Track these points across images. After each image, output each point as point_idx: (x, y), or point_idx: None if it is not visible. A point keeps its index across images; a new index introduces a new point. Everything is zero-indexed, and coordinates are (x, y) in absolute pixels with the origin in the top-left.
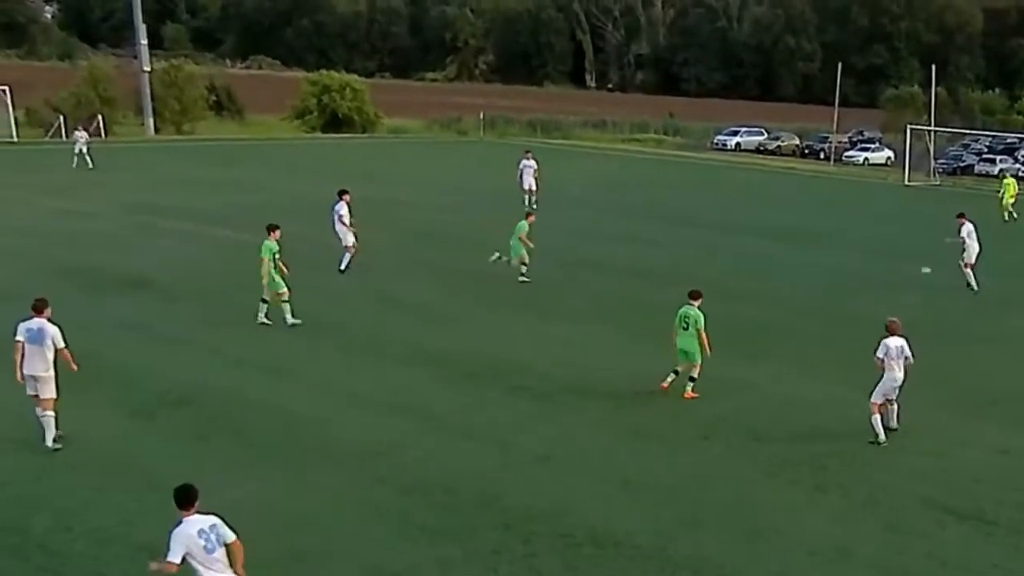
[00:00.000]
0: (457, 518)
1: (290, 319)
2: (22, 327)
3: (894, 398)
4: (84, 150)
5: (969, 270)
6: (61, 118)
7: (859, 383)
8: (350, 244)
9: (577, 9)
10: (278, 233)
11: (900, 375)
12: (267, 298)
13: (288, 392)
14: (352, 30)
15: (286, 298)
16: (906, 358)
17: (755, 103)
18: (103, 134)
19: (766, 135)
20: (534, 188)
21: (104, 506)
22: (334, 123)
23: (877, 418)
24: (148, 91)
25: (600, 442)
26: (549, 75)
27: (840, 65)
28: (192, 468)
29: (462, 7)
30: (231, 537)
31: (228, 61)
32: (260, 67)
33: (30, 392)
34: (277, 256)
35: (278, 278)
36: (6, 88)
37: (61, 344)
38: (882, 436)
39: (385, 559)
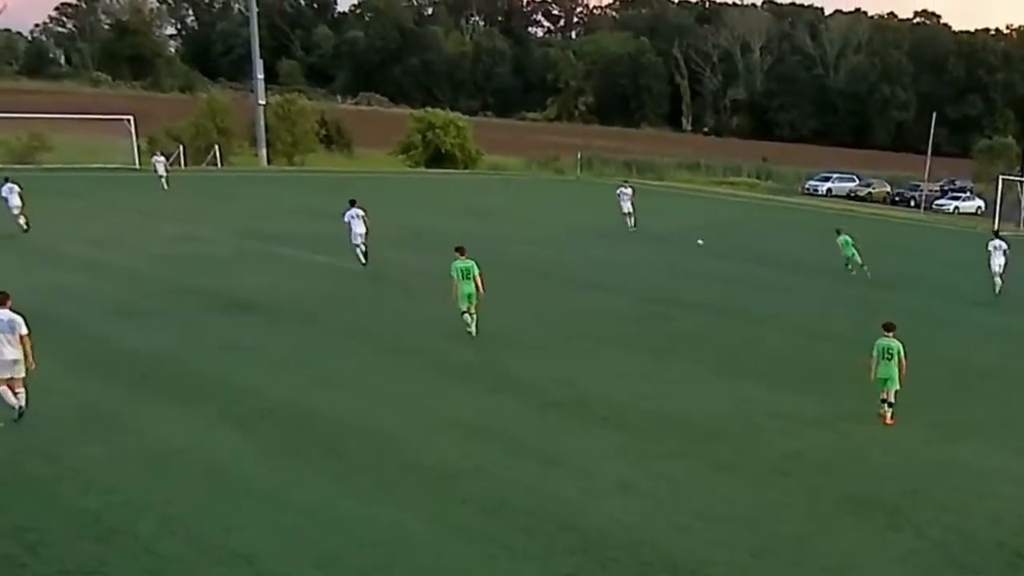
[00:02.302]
0: (537, 540)
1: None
2: None
3: None
4: (164, 173)
5: None
6: (181, 147)
7: (935, 424)
8: (361, 242)
9: (676, 54)
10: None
11: None
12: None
13: (379, 412)
14: (458, 69)
15: (463, 310)
16: None
17: (848, 150)
18: (219, 163)
19: (857, 181)
20: (631, 211)
21: (205, 513)
22: (437, 159)
23: None
24: (263, 123)
25: (679, 473)
26: (646, 117)
27: (934, 114)
28: (287, 480)
29: (564, 49)
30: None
31: (339, 97)
32: (369, 103)
33: (4, 375)
34: (472, 274)
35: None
36: (130, 117)
37: (25, 331)
38: None
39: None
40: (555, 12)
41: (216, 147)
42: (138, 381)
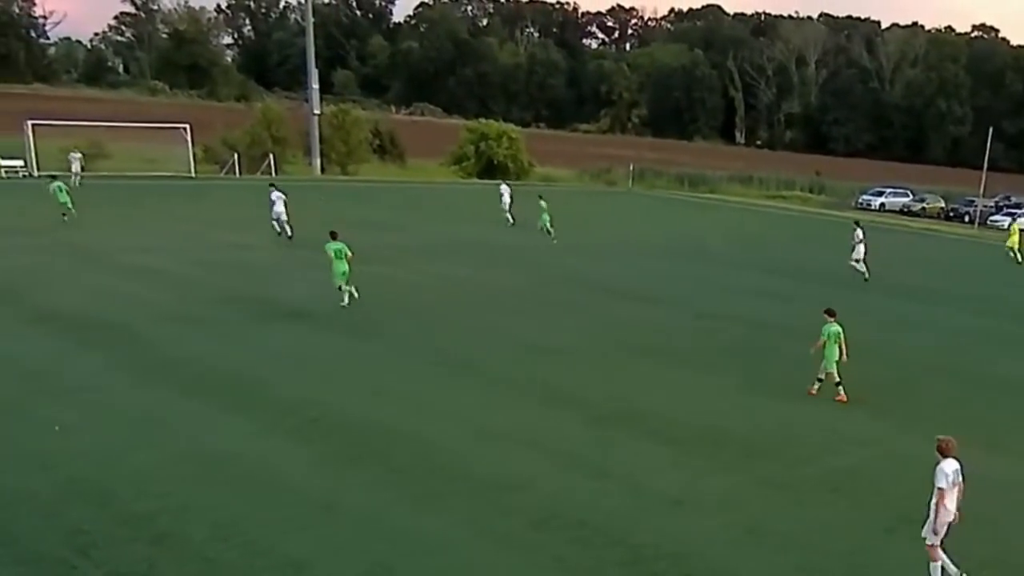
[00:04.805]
0: (586, 553)
1: (346, 301)
2: None
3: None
4: (77, 171)
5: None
6: (236, 156)
7: (983, 442)
8: (284, 221)
9: (731, 67)
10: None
11: (954, 508)
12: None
13: (429, 422)
14: (512, 81)
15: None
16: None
17: (903, 164)
18: (273, 172)
19: (911, 196)
20: (508, 204)
21: (257, 519)
22: (489, 169)
23: (937, 566)
24: (317, 133)
25: (729, 488)
26: (699, 130)
27: (991, 129)
28: (339, 489)
29: (618, 61)
30: None
31: (393, 107)
32: (422, 114)
33: None
34: (345, 254)
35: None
36: (187, 126)
37: None
38: None
39: None
40: (610, 24)
41: (271, 156)
42: (191, 387)
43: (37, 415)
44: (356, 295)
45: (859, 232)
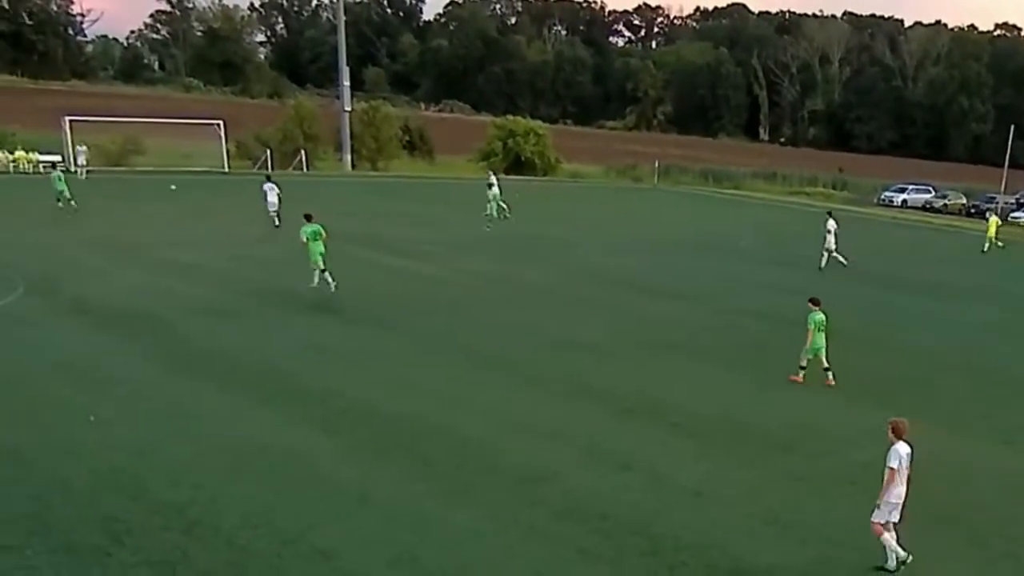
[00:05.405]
0: (609, 543)
1: (316, 283)
2: None
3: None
4: (83, 164)
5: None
6: (268, 151)
7: (998, 438)
8: (274, 210)
9: (756, 65)
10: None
11: (904, 491)
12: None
13: (457, 417)
14: (539, 78)
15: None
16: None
17: (924, 161)
18: (305, 168)
19: (933, 193)
20: (496, 196)
21: (287, 510)
22: (516, 165)
23: (890, 538)
24: (348, 130)
25: (750, 481)
26: (724, 127)
27: (1013, 127)
28: (368, 480)
29: (644, 59)
30: None
31: (422, 104)
32: (451, 110)
33: None
34: (320, 236)
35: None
36: (220, 122)
37: None
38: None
39: None
40: (636, 22)
41: (303, 152)
42: (222, 379)
43: (72, 406)
44: (331, 281)
45: (831, 223)
